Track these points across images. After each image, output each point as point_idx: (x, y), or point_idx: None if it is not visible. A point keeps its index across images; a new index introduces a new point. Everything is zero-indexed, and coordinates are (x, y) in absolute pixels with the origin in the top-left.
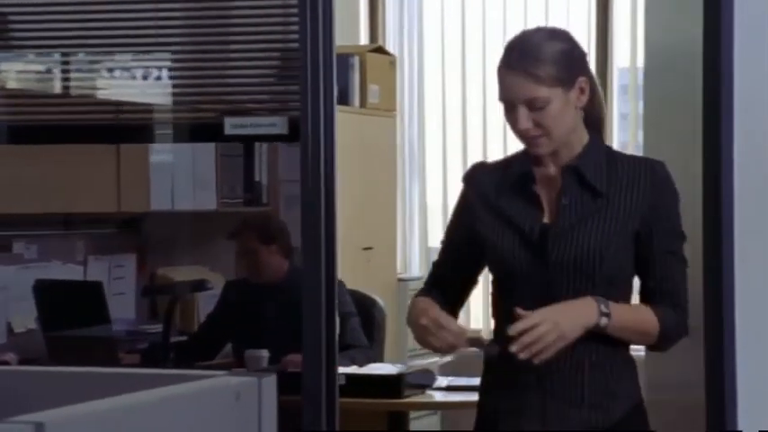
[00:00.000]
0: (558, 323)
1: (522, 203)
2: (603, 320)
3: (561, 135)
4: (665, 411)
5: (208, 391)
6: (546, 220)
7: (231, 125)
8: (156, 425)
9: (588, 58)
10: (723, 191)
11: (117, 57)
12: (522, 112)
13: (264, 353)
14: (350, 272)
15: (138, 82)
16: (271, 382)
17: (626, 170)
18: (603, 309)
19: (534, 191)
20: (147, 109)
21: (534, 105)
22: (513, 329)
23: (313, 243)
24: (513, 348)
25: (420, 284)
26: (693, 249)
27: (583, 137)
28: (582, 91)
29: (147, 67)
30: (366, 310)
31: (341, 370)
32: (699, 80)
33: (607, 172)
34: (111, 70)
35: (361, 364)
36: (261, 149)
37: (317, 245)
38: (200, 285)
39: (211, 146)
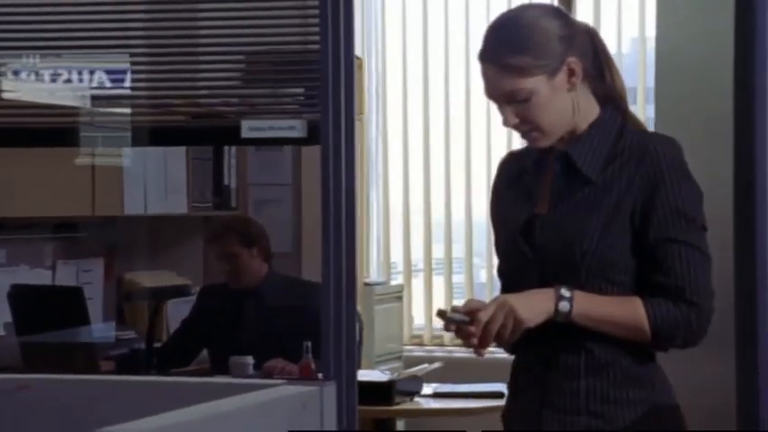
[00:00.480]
0: (514, 309)
1: (520, 194)
2: (563, 305)
3: (554, 124)
4: None
5: (277, 401)
6: (540, 210)
7: (248, 128)
8: None
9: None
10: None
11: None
12: (506, 106)
13: (250, 359)
14: (317, 276)
15: (148, 83)
16: (331, 390)
17: (628, 150)
18: (564, 293)
19: (525, 181)
20: (159, 111)
21: (516, 98)
22: (464, 310)
23: (336, 247)
24: (452, 329)
25: (386, 290)
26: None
27: (590, 114)
28: (572, 72)
29: (155, 69)
30: None
31: None
32: (714, 77)
33: (608, 154)
34: (111, 72)
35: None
36: (230, 153)
37: (338, 249)
38: (182, 290)
39: (182, 149)
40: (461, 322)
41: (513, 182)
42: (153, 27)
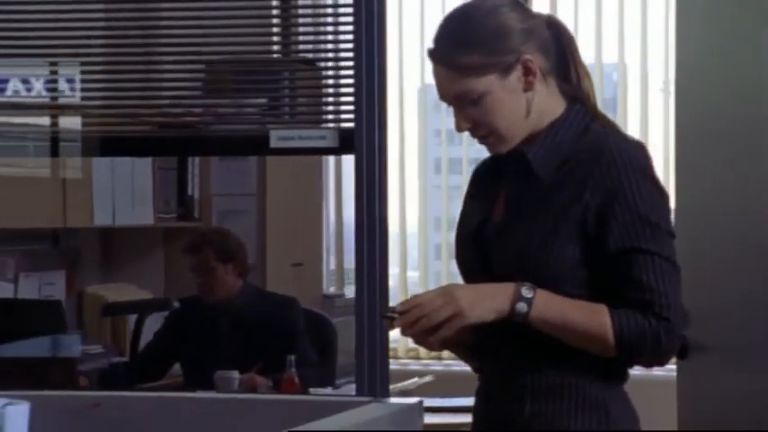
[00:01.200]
0: (456, 298)
1: (481, 199)
2: (521, 306)
3: (510, 127)
4: None
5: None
6: (496, 215)
7: (277, 138)
8: None
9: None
10: None
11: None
12: (458, 110)
13: (235, 374)
14: (279, 287)
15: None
16: (418, 406)
17: (585, 150)
18: (525, 293)
19: (480, 186)
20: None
21: (467, 100)
22: (402, 305)
23: (369, 256)
24: (396, 324)
25: (346, 302)
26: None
27: (553, 113)
28: (528, 70)
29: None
30: (318, 329)
31: None
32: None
33: (566, 154)
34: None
35: (312, 383)
36: (194, 162)
37: (372, 258)
38: (165, 304)
39: (149, 159)
40: (392, 317)
41: (480, 188)
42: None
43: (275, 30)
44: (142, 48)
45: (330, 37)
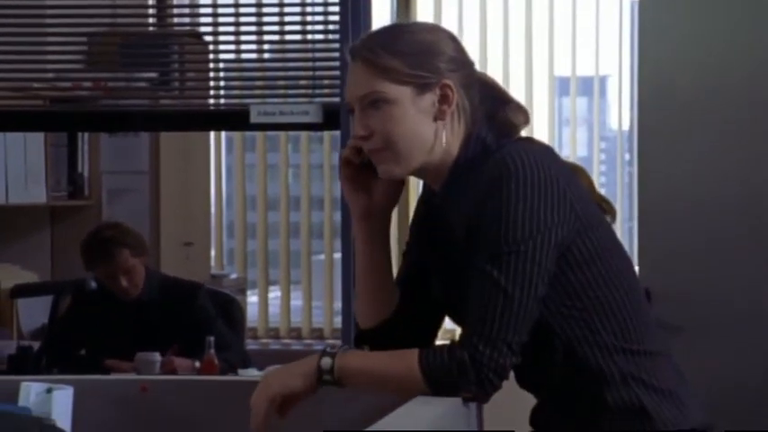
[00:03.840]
0: (265, 378)
1: (423, 236)
2: (326, 361)
3: (410, 148)
4: None
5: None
6: (435, 262)
7: (258, 113)
8: None
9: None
10: None
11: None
12: (359, 113)
13: (157, 356)
14: (171, 267)
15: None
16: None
17: (472, 177)
18: (328, 349)
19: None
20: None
21: (372, 103)
22: None
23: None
24: None
25: (233, 282)
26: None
27: (453, 153)
28: (445, 97)
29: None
30: (226, 310)
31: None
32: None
33: (463, 183)
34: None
35: (235, 366)
36: (83, 138)
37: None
38: (82, 285)
39: (40, 135)
40: None
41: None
42: None
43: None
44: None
45: (319, 9)
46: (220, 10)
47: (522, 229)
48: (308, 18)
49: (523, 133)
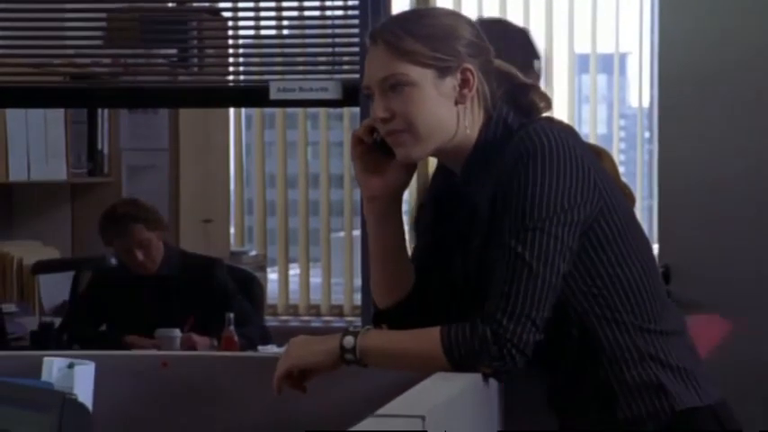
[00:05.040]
0: (287, 348)
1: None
2: (348, 340)
3: (430, 130)
4: None
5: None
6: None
7: (277, 89)
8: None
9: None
10: None
11: None
12: (380, 96)
13: (177, 332)
14: (190, 244)
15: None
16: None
17: (495, 157)
18: (351, 328)
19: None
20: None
21: (394, 84)
22: None
23: None
24: None
25: (253, 259)
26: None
27: (473, 137)
28: (465, 81)
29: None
30: (246, 286)
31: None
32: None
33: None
34: None
35: (255, 342)
36: (103, 115)
37: None
38: (102, 261)
39: (61, 111)
40: None
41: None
42: None
43: None
44: None
45: None
46: None
47: (548, 206)
48: None
49: None
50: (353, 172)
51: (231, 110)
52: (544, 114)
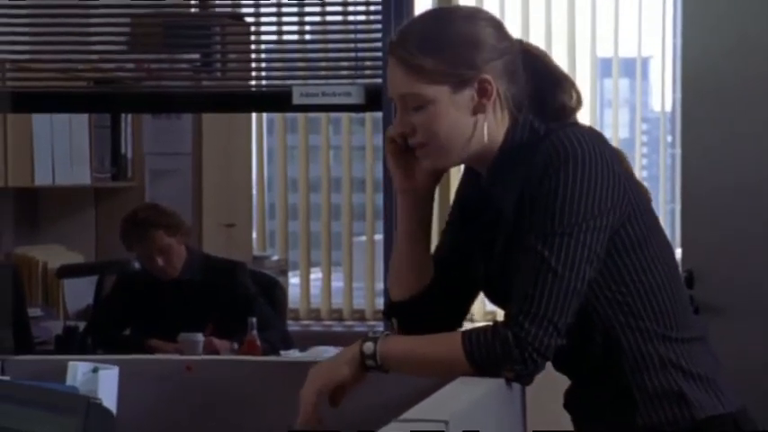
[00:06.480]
0: (309, 377)
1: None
2: (368, 345)
3: (451, 141)
4: None
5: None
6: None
7: (301, 94)
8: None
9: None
10: None
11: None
12: (400, 110)
13: (200, 336)
14: (212, 248)
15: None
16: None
17: (522, 161)
18: (370, 334)
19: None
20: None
21: (411, 103)
22: None
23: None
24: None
25: (274, 264)
26: None
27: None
28: (484, 91)
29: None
30: (268, 290)
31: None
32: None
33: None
34: None
35: (277, 346)
36: (126, 120)
37: None
38: (126, 266)
39: (85, 116)
40: None
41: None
42: None
43: None
44: None
45: None
46: None
47: (578, 211)
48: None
49: None
50: (376, 176)
51: (253, 114)
52: (571, 118)
